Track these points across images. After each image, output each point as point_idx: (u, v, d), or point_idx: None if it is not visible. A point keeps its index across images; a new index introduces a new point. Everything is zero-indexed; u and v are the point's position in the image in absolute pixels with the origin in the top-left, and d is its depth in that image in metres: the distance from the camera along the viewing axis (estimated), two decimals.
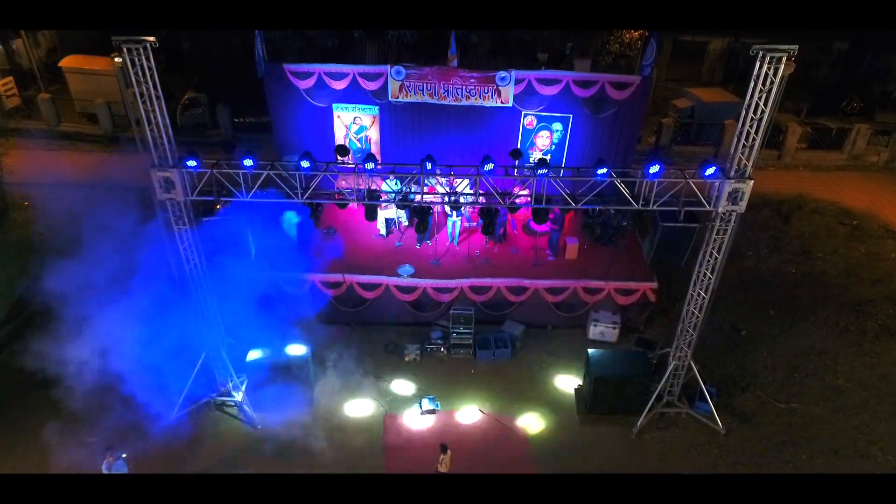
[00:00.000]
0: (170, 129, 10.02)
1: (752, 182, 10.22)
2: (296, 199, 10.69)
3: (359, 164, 10.90)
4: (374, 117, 16.25)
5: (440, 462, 11.42)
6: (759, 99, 9.61)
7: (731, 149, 10.21)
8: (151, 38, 9.10)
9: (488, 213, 11.75)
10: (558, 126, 16.35)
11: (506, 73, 15.08)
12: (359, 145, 16.58)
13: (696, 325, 12.16)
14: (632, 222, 15.62)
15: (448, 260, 15.61)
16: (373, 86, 15.42)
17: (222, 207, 10.96)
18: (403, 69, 15.03)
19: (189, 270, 11.21)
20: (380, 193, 11.57)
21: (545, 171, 10.60)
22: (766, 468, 12.35)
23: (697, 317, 12.06)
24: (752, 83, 9.55)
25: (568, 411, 13.53)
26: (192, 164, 10.10)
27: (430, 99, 15.42)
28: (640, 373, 13.07)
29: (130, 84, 9.62)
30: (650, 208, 10.66)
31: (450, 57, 15.91)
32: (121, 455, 10.87)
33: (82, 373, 11.49)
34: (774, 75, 9.36)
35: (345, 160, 12.59)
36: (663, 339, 14.51)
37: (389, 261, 15.43)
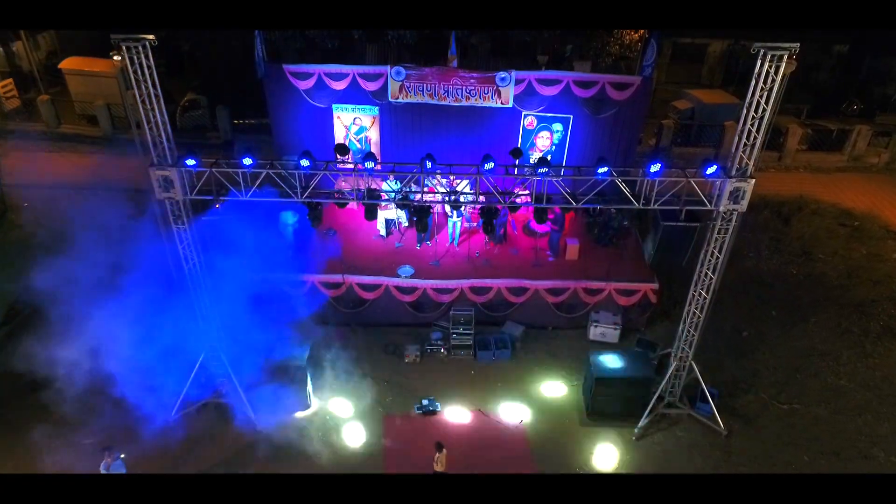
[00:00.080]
0: (168, 128, 10.01)
1: (754, 181, 10.19)
2: (295, 198, 10.66)
3: (358, 163, 10.86)
4: (374, 118, 16.22)
5: (436, 461, 11.36)
6: (761, 97, 9.59)
7: (733, 147, 10.19)
8: (151, 35, 9.08)
9: (488, 213, 11.70)
10: (558, 127, 16.32)
11: (506, 74, 15.04)
12: (359, 146, 16.54)
13: (698, 326, 12.12)
14: (633, 222, 15.58)
15: (448, 261, 15.57)
16: (373, 86, 15.39)
17: (219, 206, 10.88)
18: (403, 70, 15.00)
19: (188, 270, 11.17)
20: (379, 193, 11.54)
21: (545, 169, 10.56)
22: (767, 469, 12.28)
23: (699, 317, 12.01)
24: (753, 81, 9.52)
25: (569, 412, 13.47)
26: (191, 162, 10.08)
27: (430, 99, 15.38)
28: (641, 374, 13.00)
29: (131, 86, 9.63)
30: (651, 207, 10.62)
31: (450, 57, 15.89)
32: (119, 455, 10.82)
33: (79, 374, 11.41)
34: (776, 73, 9.33)
35: (344, 159, 12.54)
36: (664, 340, 14.46)
37: (389, 261, 15.40)
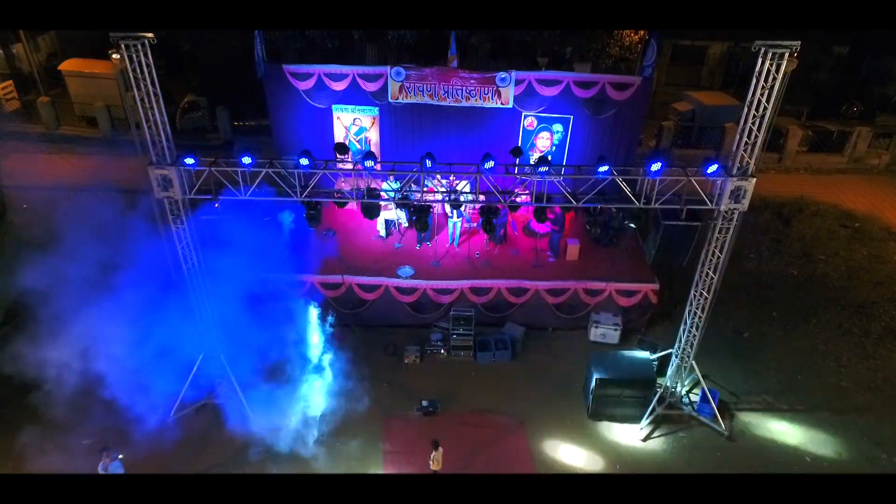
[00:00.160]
0: (168, 127, 9.99)
1: (755, 179, 10.16)
2: (294, 197, 10.63)
3: (358, 163, 10.82)
4: (374, 118, 16.18)
5: (431, 458, 11.30)
6: (762, 96, 9.56)
7: (734, 146, 10.16)
8: (150, 33, 9.06)
9: (488, 212, 11.66)
10: (559, 127, 16.29)
11: (506, 74, 15.01)
12: (358, 147, 16.50)
13: (699, 326, 12.07)
14: (635, 222, 15.51)
15: (448, 261, 15.53)
16: (372, 87, 15.35)
17: (218, 206, 10.83)
18: (403, 70, 14.97)
19: (186, 270, 11.13)
20: (379, 193, 11.50)
21: (546, 168, 10.53)
22: (768, 471, 12.21)
23: (700, 317, 11.97)
24: (754, 79, 9.50)
25: (569, 414, 13.40)
26: (189, 161, 10.05)
27: (430, 100, 15.34)
28: (642, 375, 12.95)
29: (130, 87, 9.62)
30: (652, 206, 10.59)
31: (450, 58, 15.87)
32: (117, 456, 10.76)
33: (77, 375, 11.35)
34: (777, 72, 9.31)
35: (344, 158, 12.50)
36: (665, 341, 14.41)
37: (389, 262, 15.35)
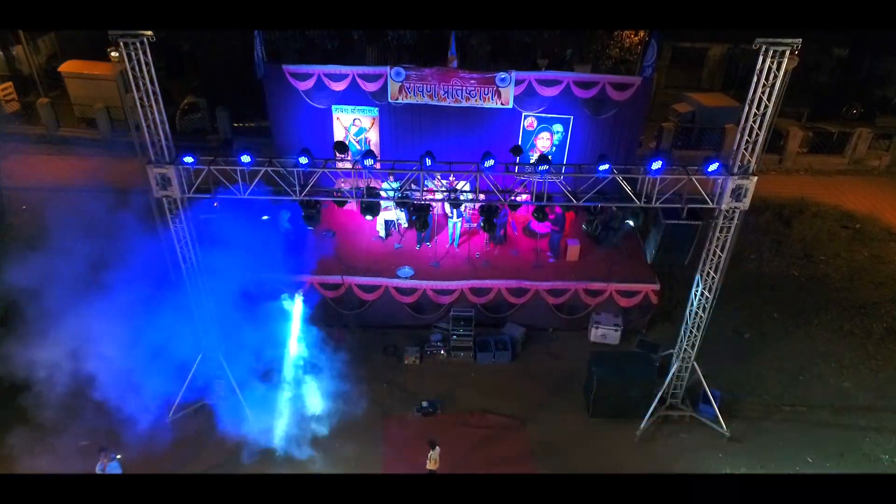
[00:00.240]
0: (167, 126, 9.95)
1: (756, 178, 10.12)
2: (294, 196, 10.59)
3: (357, 161, 10.78)
4: (374, 119, 16.15)
5: (428, 458, 11.25)
6: (763, 94, 9.53)
7: (735, 144, 10.12)
8: (149, 31, 9.04)
9: (488, 211, 11.62)
10: (559, 127, 16.25)
11: (506, 74, 14.99)
12: (358, 147, 16.47)
13: (700, 326, 12.02)
14: (637, 221, 15.47)
15: (448, 262, 15.48)
16: (372, 87, 15.33)
17: (217, 205, 10.79)
18: (403, 70, 14.94)
19: (185, 269, 11.08)
20: (379, 192, 11.46)
21: (546, 167, 10.49)
22: (770, 472, 12.16)
23: (701, 317, 11.91)
24: (755, 77, 9.45)
25: (570, 414, 13.34)
26: (188, 160, 10.01)
27: (430, 100, 15.30)
28: (642, 375, 12.88)
29: (130, 89, 9.59)
30: (652, 205, 10.55)
31: (450, 58, 15.85)
32: (115, 456, 10.70)
33: (75, 376, 11.30)
34: (778, 70, 9.27)
35: (344, 157, 12.46)
36: (666, 342, 14.37)
37: (389, 263, 15.31)
